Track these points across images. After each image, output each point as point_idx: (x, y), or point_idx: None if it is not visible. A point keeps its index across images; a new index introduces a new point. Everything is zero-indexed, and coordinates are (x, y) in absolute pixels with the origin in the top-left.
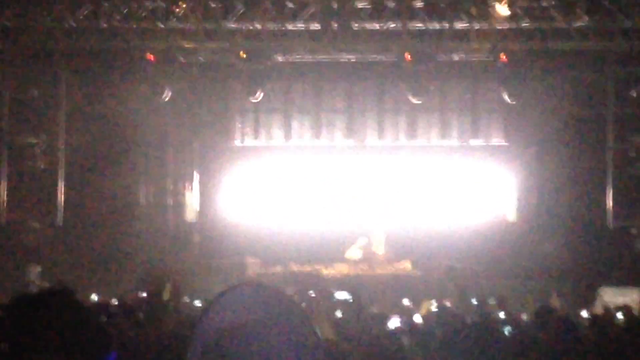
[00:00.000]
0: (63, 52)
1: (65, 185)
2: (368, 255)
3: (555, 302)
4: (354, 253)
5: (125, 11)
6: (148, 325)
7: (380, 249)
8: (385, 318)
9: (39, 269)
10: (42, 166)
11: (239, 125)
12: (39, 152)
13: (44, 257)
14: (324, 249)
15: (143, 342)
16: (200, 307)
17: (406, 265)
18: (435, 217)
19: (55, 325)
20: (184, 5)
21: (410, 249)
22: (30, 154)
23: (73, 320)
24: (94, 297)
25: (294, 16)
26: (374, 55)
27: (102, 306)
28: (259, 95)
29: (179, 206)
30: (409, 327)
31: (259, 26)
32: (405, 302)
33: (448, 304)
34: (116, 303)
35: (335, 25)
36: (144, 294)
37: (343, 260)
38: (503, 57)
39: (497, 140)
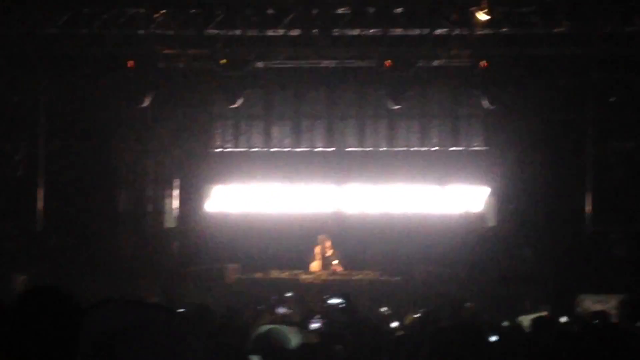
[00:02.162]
0: (42, 58)
1: (44, 192)
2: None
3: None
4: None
5: (105, 17)
6: None
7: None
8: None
9: (24, 277)
10: (22, 173)
11: (219, 132)
12: (19, 159)
13: (23, 264)
14: (303, 255)
15: None
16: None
17: (384, 270)
18: (414, 222)
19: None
20: (164, 12)
21: (389, 254)
22: (9, 161)
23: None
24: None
25: (275, 22)
26: (354, 61)
27: None
28: (239, 101)
29: (159, 212)
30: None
31: (239, 32)
32: (384, 309)
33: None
34: None
35: (316, 31)
36: None
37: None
38: (483, 62)
39: (477, 145)
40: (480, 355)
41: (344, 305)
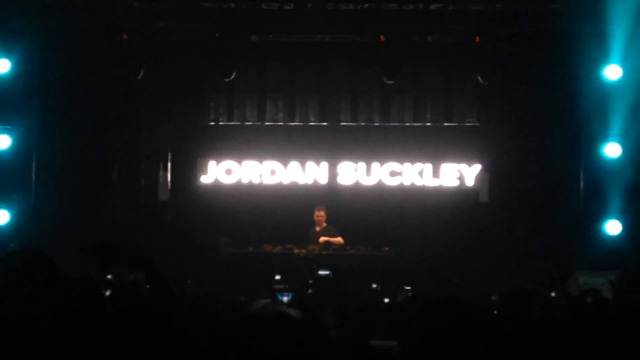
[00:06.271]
0: (36, 30)
1: (37, 163)
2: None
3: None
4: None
5: None
6: None
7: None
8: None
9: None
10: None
11: (213, 105)
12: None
13: (16, 235)
14: (296, 229)
15: None
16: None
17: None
18: (407, 197)
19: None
20: None
21: (381, 229)
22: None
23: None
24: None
25: None
26: (348, 36)
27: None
28: (233, 75)
29: (152, 185)
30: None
31: (233, 6)
32: (375, 285)
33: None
34: None
35: (310, 5)
36: None
37: (316, 241)
38: (477, 38)
39: (470, 121)
40: (468, 330)
41: (331, 275)
